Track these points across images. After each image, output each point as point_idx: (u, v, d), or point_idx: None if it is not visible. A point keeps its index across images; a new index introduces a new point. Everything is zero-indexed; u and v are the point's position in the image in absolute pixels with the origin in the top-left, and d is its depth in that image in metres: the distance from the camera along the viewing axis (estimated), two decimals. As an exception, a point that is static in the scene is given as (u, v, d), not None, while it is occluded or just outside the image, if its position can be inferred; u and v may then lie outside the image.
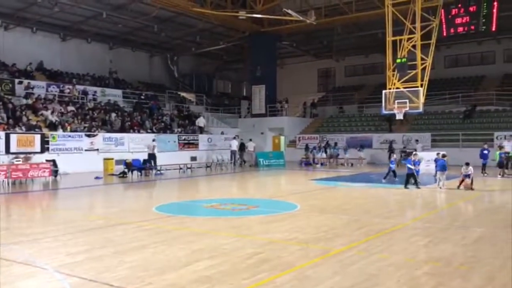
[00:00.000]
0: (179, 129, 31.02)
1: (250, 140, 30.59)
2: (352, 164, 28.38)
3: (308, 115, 39.33)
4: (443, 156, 16.47)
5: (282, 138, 36.27)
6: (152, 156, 23.97)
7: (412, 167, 15.78)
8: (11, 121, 22.09)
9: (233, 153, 29.27)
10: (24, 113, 23.68)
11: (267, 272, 5.93)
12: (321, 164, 28.82)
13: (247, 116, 38.25)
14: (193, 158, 29.06)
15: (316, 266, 6.23)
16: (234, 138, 30.65)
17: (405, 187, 15.66)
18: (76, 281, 5.66)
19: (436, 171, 17.04)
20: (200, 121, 32.74)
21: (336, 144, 30.93)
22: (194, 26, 33.41)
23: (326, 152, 29.66)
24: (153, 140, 25.29)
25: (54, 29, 32.24)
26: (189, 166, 25.81)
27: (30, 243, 7.87)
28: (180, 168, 24.92)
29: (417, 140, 27.77)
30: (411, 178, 15.76)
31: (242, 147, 30.09)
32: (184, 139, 29.66)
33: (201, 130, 32.38)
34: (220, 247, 7.31)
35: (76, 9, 28.50)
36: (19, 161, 18.22)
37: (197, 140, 30.59)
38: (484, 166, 20.90)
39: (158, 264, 6.39)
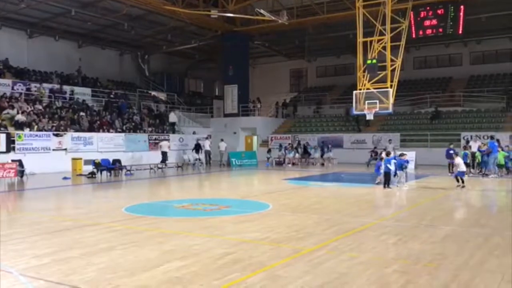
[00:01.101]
0: (150, 129, 30.65)
1: (222, 140, 30.48)
2: (323, 164, 28.67)
3: (280, 115, 39.51)
4: (401, 155, 16.74)
5: (255, 138, 36.34)
6: (164, 154, 26.22)
7: (391, 167, 15.80)
8: (-26, 119, 21.42)
9: (206, 153, 29.13)
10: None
11: (238, 272, 5.90)
12: (293, 164, 28.97)
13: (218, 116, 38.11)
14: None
15: (287, 265, 6.24)
16: (207, 138, 30.53)
17: (388, 186, 15.62)
18: (42, 284, 5.50)
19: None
20: (172, 117, 32.52)
21: (308, 144, 31.20)
22: (166, 24, 33.09)
23: (298, 152, 29.85)
24: (166, 140, 28.08)
25: (21, 26, 31.39)
26: (160, 166, 25.52)
27: (-6, 245, 7.61)
28: (151, 169, 24.64)
29: (390, 140, 28.20)
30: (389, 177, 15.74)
31: (197, 147, 29.38)
32: (155, 139, 29.31)
33: (173, 126, 32.14)
34: (191, 248, 7.24)
35: (43, 6, 27.84)
36: (-17, 161, 17.65)
37: (168, 139, 30.26)
38: (450, 166, 21.44)
39: (128, 265, 6.27)
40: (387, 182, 15.66)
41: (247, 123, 35.67)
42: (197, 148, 29.38)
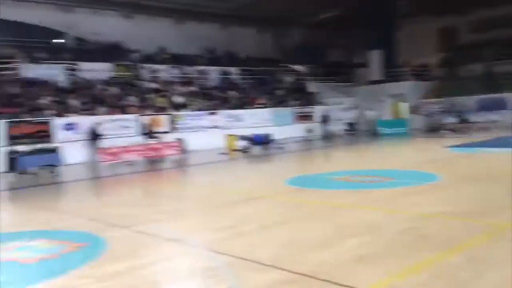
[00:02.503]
0: (294, 102, 30.78)
1: (370, 109, 29.27)
2: (485, 129, 25.81)
3: (430, 78, 36.54)
4: None
5: (403, 104, 34.25)
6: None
7: None
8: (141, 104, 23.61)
9: (351, 123, 28.40)
10: (151, 95, 25.10)
11: (428, 251, 5.27)
12: (450, 130, 26.57)
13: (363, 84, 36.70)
14: (309, 131, 28.61)
15: (488, 244, 5.43)
16: (351, 108, 29.69)
17: None
18: (227, 259, 5.47)
19: None
20: (310, 87, 32.70)
21: (463, 107, 28.33)
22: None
23: (458, 117, 27.21)
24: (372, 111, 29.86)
25: (170, 14, 33.63)
26: (307, 138, 25.52)
27: (172, 220, 8.01)
28: (298, 142, 24.75)
29: None
30: None
31: (325, 119, 28.14)
32: (300, 112, 29.37)
33: (313, 96, 32.00)
34: (367, 223, 6.77)
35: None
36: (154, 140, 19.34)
37: (312, 112, 30.13)
38: None
39: (306, 241, 6.05)
40: None
41: (394, 89, 33.67)
42: (325, 120, 28.48)
